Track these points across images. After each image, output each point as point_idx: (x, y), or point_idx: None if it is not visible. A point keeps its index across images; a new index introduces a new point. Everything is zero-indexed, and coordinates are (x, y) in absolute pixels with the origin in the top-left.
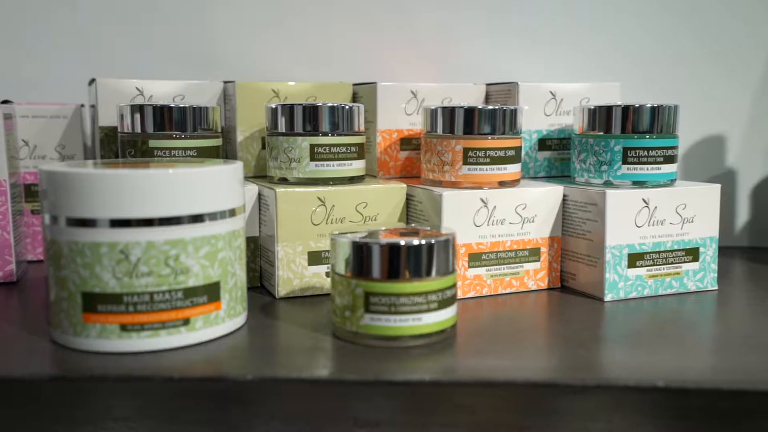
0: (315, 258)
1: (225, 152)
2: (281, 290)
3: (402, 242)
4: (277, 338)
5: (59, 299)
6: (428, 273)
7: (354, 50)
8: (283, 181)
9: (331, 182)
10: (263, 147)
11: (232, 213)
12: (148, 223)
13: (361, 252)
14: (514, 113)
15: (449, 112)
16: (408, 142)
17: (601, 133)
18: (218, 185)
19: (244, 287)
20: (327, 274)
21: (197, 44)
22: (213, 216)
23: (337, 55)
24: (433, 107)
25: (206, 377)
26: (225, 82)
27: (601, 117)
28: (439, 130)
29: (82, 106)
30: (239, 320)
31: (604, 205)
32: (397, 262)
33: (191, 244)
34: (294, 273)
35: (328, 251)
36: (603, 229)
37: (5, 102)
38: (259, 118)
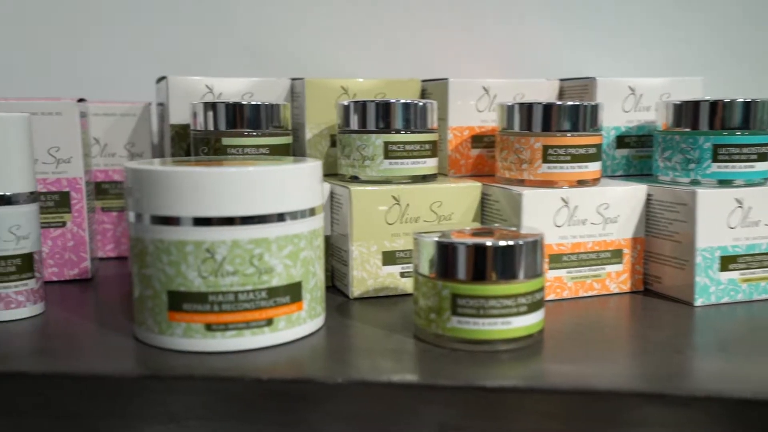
0: (389, 258)
1: (293, 150)
2: (355, 290)
3: (489, 243)
4: (358, 340)
5: (144, 297)
6: (516, 275)
7: (420, 46)
8: (355, 179)
9: (405, 180)
10: (332, 145)
11: (312, 212)
12: (231, 221)
13: (446, 253)
14: (595, 109)
15: (527, 108)
16: (479, 140)
17: (688, 130)
18: (300, 184)
19: (323, 287)
20: (401, 275)
21: (263, 41)
22: (294, 215)
23: (402, 52)
24: (509, 103)
25: (294, 379)
26: (293, 80)
27: (688, 112)
28: (516, 127)
29: (150, 104)
30: (319, 321)
31: (694, 205)
32: (484, 263)
33: (275, 244)
34: (368, 273)
35: (402, 251)
36: (693, 231)
37: (81, 100)
38: (327, 115)
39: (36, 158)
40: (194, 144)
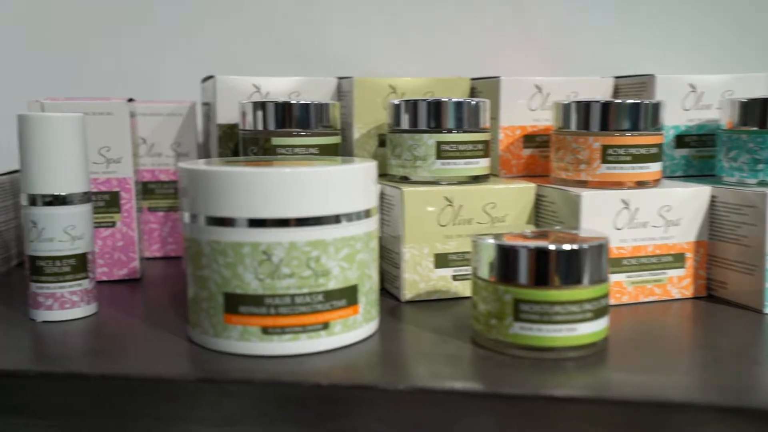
0: (442, 260)
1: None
2: (407, 293)
3: (553, 246)
4: (414, 345)
5: (199, 299)
6: (580, 280)
7: (467, 43)
8: (405, 179)
9: (457, 181)
10: (380, 145)
11: (368, 214)
12: (286, 223)
13: (507, 256)
14: (656, 107)
15: (584, 106)
16: (531, 139)
17: (756, 129)
18: (356, 185)
19: (378, 290)
20: (454, 278)
21: (309, 40)
22: (350, 217)
23: (449, 49)
24: (565, 102)
25: (355, 385)
26: (340, 78)
27: (755, 110)
28: (573, 126)
29: (195, 104)
30: (373, 325)
31: (765, 207)
32: (546, 267)
33: (332, 246)
34: (420, 276)
35: (455, 254)
36: (763, 234)
37: (130, 100)
38: (375, 114)
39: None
40: (243, 144)
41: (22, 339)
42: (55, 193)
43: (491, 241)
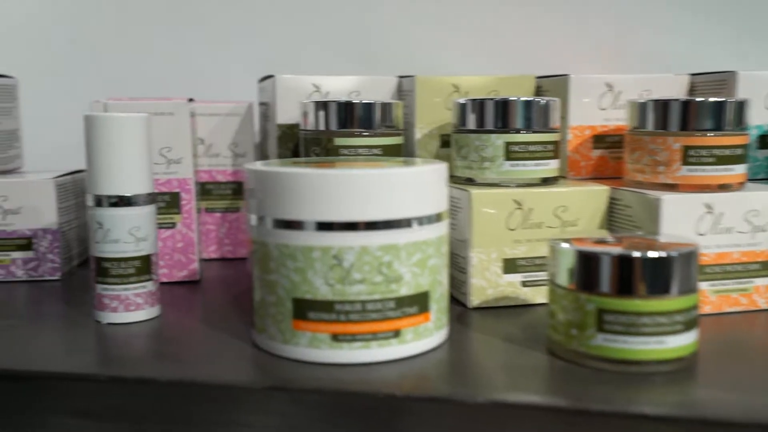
0: (510, 266)
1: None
2: (474, 299)
3: (637, 254)
4: (487, 355)
5: (266, 303)
6: (668, 290)
7: (531, 41)
8: (470, 181)
9: (526, 183)
10: (442, 145)
11: (439, 217)
12: (356, 227)
13: (589, 263)
14: (741, 106)
15: (663, 105)
16: (601, 140)
17: None
18: (428, 187)
19: (448, 297)
20: (523, 284)
21: (368, 39)
22: (421, 220)
23: (513, 47)
24: (641, 100)
25: (432, 397)
26: (400, 77)
27: None
28: (650, 126)
29: (252, 104)
30: (444, 333)
31: None
32: (631, 276)
33: (404, 251)
34: (488, 281)
35: (524, 258)
36: None
37: (190, 100)
38: (438, 114)
39: None
40: (304, 144)
41: (87, 341)
42: (121, 194)
43: (571, 246)
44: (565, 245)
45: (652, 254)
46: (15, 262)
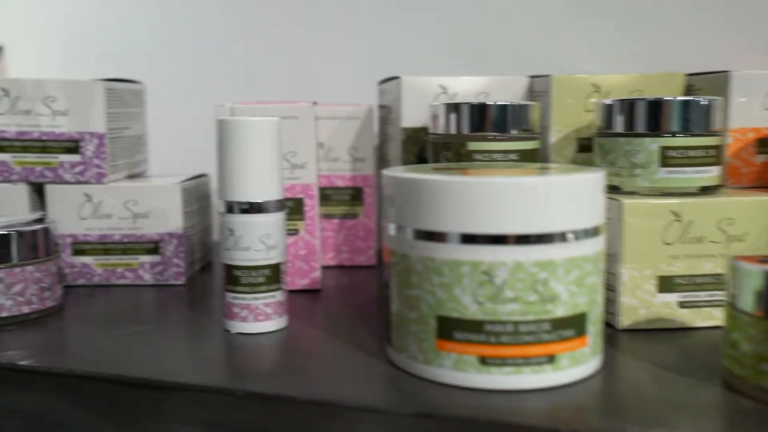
0: (666, 284)
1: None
2: (624, 320)
3: None
4: (652, 386)
5: (405, 320)
6: None
7: (677, 36)
8: (614, 189)
9: (684, 192)
10: (579, 150)
11: (596, 231)
12: (504, 240)
13: None
14: None
15: None
16: (766, 144)
17: None
18: (585, 197)
19: (603, 319)
20: (680, 305)
21: (495, 37)
22: (578, 234)
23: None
24: None
25: None
26: (532, 77)
27: None
28: None
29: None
30: (599, 358)
31: None
32: None
33: (561, 267)
34: (640, 300)
35: (681, 276)
36: None
37: (314, 104)
38: (575, 116)
39: None
40: (433, 149)
41: (217, 351)
42: (252, 201)
43: (756, 266)
44: (751, 266)
45: None
46: (143, 265)
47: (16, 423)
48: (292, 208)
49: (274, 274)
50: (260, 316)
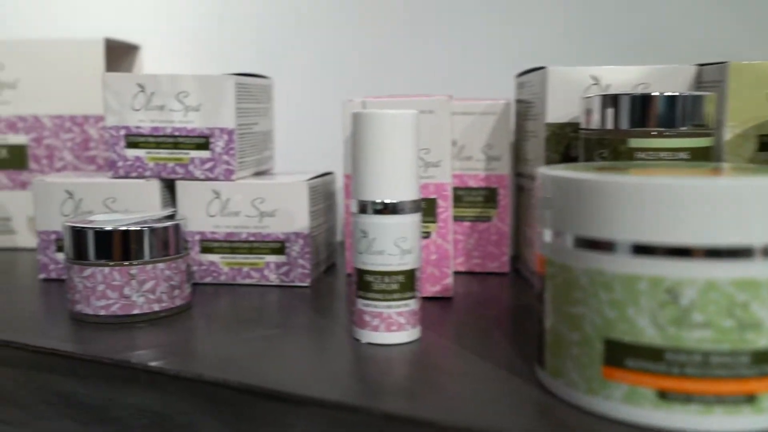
0: None
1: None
2: None
3: None
4: None
5: (565, 341)
6: None
7: None
8: None
9: None
10: (759, 149)
11: None
12: (690, 253)
13: None
14: None
15: None
16: None
17: None
18: None
19: None
20: None
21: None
22: None
23: None
24: None
25: None
26: (700, 65)
27: None
28: None
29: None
30: None
31: None
32: None
33: (765, 289)
34: None
35: None
36: None
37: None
38: (755, 109)
39: None
40: (586, 146)
41: (346, 362)
42: (387, 201)
43: None
44: None
45: None
46: (268, 265)
47: (145, 423)
48: (425, 209)
49: (408, 281)
50: (393, 326)
